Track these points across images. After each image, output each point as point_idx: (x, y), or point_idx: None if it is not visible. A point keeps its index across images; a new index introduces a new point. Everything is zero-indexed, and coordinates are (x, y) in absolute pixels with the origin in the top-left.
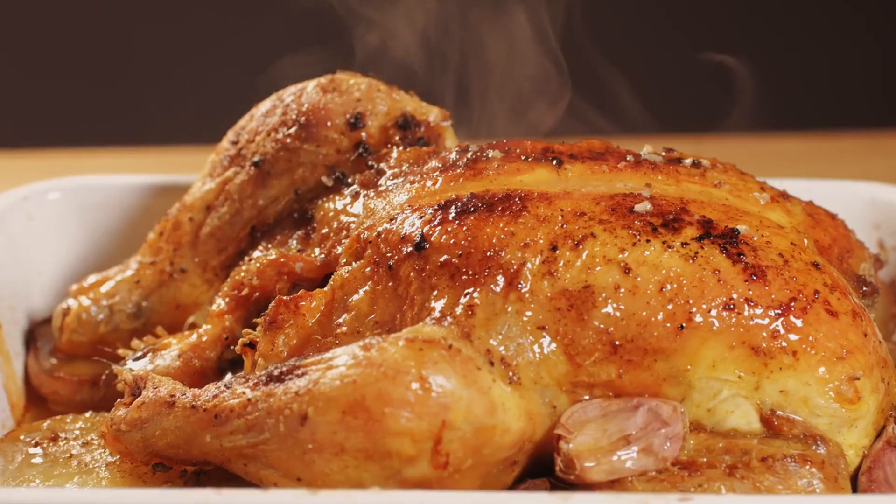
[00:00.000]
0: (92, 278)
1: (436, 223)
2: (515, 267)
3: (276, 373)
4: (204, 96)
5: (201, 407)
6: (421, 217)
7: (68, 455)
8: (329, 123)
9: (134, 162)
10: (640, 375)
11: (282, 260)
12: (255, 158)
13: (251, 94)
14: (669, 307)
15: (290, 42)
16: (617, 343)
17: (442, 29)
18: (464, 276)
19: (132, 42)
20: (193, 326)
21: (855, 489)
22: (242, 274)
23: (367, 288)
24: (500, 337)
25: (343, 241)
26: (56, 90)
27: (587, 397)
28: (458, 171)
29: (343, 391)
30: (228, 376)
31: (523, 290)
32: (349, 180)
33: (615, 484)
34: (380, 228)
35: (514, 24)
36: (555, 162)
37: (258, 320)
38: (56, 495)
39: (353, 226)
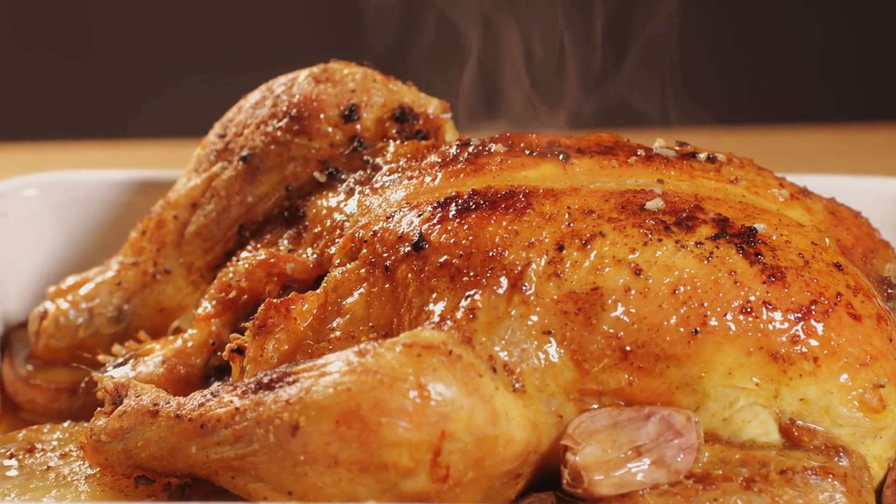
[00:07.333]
0: (70, 280)
1: (435, 221)
2: (519, 268)
3: (265, 380)
4: (189, 86)
5: (186, 416)
6: (419, 215)
7: (45, 467)
8: (322, 116)
9: (114, 156)
10: (652, 383)
11: (272, 260)
12: (244, 153)
13: (239, 84)
14: (683, 310)
15: (280, 29)
16: (627, 348)
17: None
18: (465, 278)
19: (111, 29)
20: (178, 331)
21: (879, 503)
22: (230, 275)
23: (362, 290)
24: (504, 342)
25: (337, 240)
26: (31, 81)
27: (596, 406)
28: (459, 166)
29: (337, 399)
30: (215, 384)
31: (528, 293)
32: (343, 176)
33: (625, 498)
34: (376, 227)
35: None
36: (561, 157)
37: (246, 324)
38: None
39: (347, 224)
